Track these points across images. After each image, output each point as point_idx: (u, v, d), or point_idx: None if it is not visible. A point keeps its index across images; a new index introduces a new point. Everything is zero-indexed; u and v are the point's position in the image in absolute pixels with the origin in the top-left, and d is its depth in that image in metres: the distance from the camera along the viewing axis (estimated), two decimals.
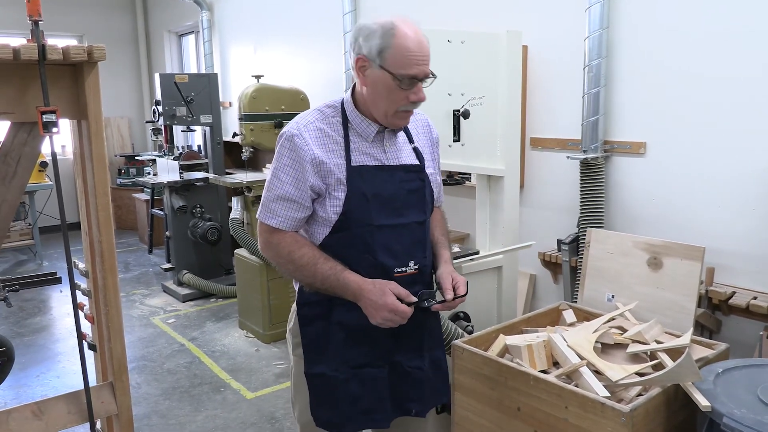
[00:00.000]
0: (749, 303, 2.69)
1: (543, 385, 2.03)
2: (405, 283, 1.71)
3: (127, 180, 8.19)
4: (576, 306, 2.69)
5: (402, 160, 1.79)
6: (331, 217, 1.70)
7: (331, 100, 1.83)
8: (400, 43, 1.61)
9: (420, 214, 1.79)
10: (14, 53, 1.68)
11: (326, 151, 1.70)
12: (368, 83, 1.69)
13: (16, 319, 5.03)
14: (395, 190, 1.74)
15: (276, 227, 1.73)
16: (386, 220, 1.72)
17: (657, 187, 3.13)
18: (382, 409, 1.77)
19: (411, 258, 1.76)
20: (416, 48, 1.62)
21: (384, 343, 1.76)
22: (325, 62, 5.52)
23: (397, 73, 1.62)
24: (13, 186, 1.97)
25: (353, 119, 1.75)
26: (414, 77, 1.64)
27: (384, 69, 1.63)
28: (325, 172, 1.69)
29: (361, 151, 1.73)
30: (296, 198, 1.70)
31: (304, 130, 1.71)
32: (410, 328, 1.74)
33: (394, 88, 1.65)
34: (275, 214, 1.72)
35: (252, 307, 4.53)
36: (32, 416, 1.92)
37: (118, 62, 8.67)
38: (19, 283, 3.38)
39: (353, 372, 1.75)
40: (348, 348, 1.75)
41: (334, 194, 1.69)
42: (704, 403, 1.82)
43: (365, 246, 1.70)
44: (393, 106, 1.68)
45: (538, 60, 3.62)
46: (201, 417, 3.41)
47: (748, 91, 2.75)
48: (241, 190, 4.78)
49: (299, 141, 1.69)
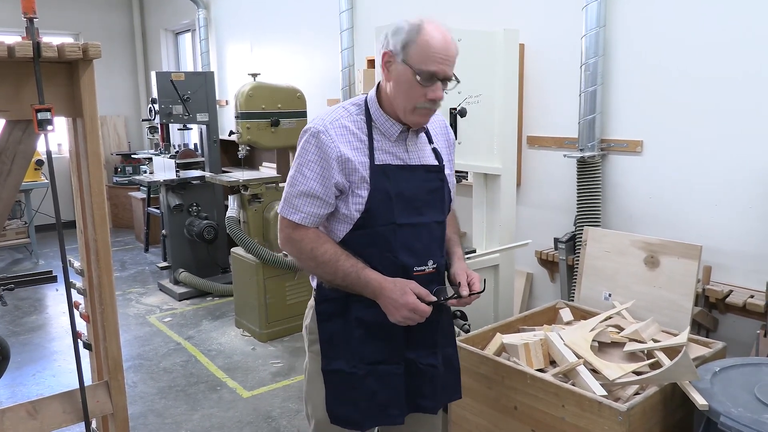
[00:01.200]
0: (746, 302, 2.69)
1: (540, 383, 2.03)
2: (423, 282, 1.72)
3: (123, 178, 8.17)
4: (573, 305, 2.69)
5: (423, 160, 1.80)
6: (354, 214, 1.71)
7: (355, 97, 1.83)
8: (425, 39, 1.64)
9: (439, 214, 1.81)
10: (9, 51, 1.67)
11: (351, 148, 1.71)
12: (392, 78, 1.70)
13: (11, 318, 5.02)
14: (417, 189, 1.76)
15: (299, 223, 1.73)
16: (408, 219, 1.73)
17: (654, 186, 3.13)
18: (398, 405, 1.78)
19: (430, 257, 1.77)
20: (440, 46, 1.64)
21: (399, 340, 1.77)
22: (321, 60, 5.51)
23: (417, 68, 1.64)
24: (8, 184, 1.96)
25: (377, 118, 1.76)
26: (433, 74, 1.65)
27: (406, 64, 1.65)
28: (350, 170, 1.69)
29: (384, 150, 1.74)
30: (321, 194, 1.70)
31: (330, 126, 1.71)
32: (424, 325, 1.75)
33: (414, 84, 1.66)
34: (298, 209, 1.72)
35: (248, 306, 4.52)
36: (27, 415, 1.91)
37: (114, 60, 8.64)
38: (14, 281, 3.36)
39: (370, 368, 1.76)
40: (365, 344, 1.76)
41: (357, 192, 1.70)
42: (701, 402, 1.83)
43: (386, 244, 1.72)
44: (411, 102, 1.69)
45: (535, 58, 3.62)
46: (197, 416, 3.41)
47: (746, 90, 2.75)
48: (238, 188, 4.77)
49: (325, 138, 1.69)
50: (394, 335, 1.76)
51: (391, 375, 1.77)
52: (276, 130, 4.70)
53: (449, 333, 1.95)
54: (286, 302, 4.48)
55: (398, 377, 1.78)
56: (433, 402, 1.85)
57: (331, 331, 1.79)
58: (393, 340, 1.77)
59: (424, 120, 1.75)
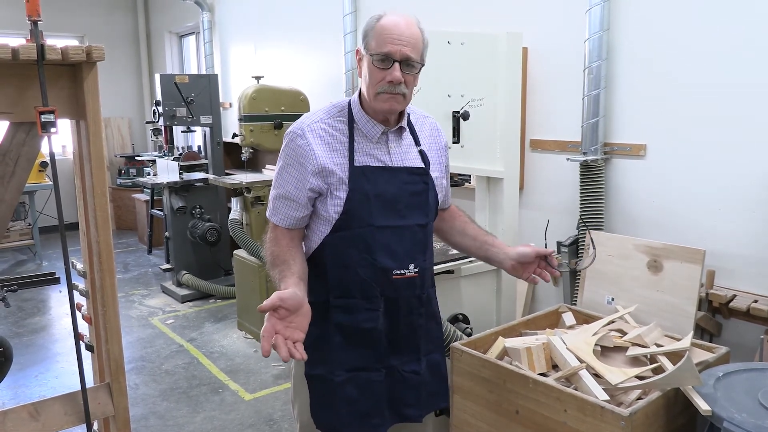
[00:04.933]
0: (750, 306, 2.68)
1: (542, 388, 2.02)
2: (404, 286, 1.70)
3: (126, 180, 8.19)
4: (575, 308, 2.68)
5: (406, 162, 1.78)
6: (332, 216, 1.70)
7: (341, 99, 1.83)
8: (381, 24, 1.65)
9: (422, 217, 1.78)
10: (13, 53, 1.68)
11: (330, 150, 1.70)
12: (361, 73, 1.72)
13: (14, 319, 5.03)
14: (398, 191, 1.74)
15: (276, 224, 1.76)
16: (387, 221, 1.71)
17: (657, 190, 3.12)
18: (379, 414, 1.76)
19: (411, 261, 1.75)
20: (393, 27, 1.64)
21: (380, 347, 1.75)
22: (325, 63, 5.52)
23: (374, 52, 1.64)
24: (12, 186, 1.96)
25: (359, 119, 1.75)
26: (387, 55, 1.63)
27: (368, 53, 1.67)
28: (327, 173, 1.69)
29: (364, 152, 1.73)
30: (295, 197, 1.72)
31: (308, 129, 1.71)
32: (407, 331, 1.73)
33: (373, 69, 1.66)
34: (277, 211, 1.76)
35: (251, 308, 4.51)
36: (29, 417, 1.91)
37: (118, 63, 8.66)
38: (17, 283, 3.37)
39: (350, 375, 1.74)
40: (344, 350, 1.74)
41: (335, 193, 1.69)
42: (705, 407, 1.81)
43: (365, 246, 1.70)
44: (373, 88, 1.67)
45: (538, 62, 3.62)
46: (199, 418, 3.41)
47: (750, 94, 2.74)
48: (241, 190, 4.78)
49: (301, 141, 1.69)
50: (375, 341, 1.74)
51: (371, 382, 1.75)
52: (279, 133, 4.71)
53: (436, 338, 1.92)
54: None
55: (379, 384, 1.76)
56: (418, 410, 1.82)
57: (313, 336, 1.76)
58: (373, 347, 1.75)
59: (388, 105, 1.69)
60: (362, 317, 1.69)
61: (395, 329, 1.75)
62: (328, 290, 1.74)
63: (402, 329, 1.70)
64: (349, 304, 1.71)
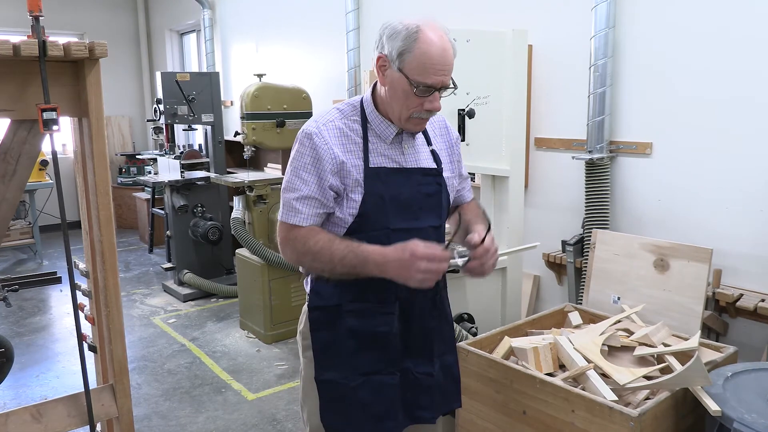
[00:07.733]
0: (757, 306, 2.66)
1: (549, 388, 2.00)
2: (419, 289, 1.67)
3: (127, 179, 8.17)
4: (581, 308, 2.67)
5: (420, 162, 1.76)
6: (347, 218, 1.68)
7: (352, 98, 1.80)
8: (422, 49, 1.57)
9: (436, 219, 1.76)
10: (14, 49, 1.66)
11: (345, 151, 1.67)
12: (387, 83, 1.66)
13: (15, 319, 5.01)
14: (412, 193, 1.71)
15: (297, 224, 1.68)
16: (402, 223, 1.69)
17: (663, 188, 3.10)
18: (393, 417, 1.74)
19: None
20: (437, 57, 1.58)
21: (394, 349, 1.73)
22: (327, 61, 5.50)
23: (414, 79, 1.58)
24: (13, 184, 1.94)
25: (372, 119, 1.72)
26: (431, 87, 1.60)
27: (402, 72, 1.59)
28: (345, 173, 1.66)
29: (379, 153, 1.70)
30: (319, 196, 1.67)
31: (324, 128, 1.67)
32: (421, 333, 1.71)
33: (410, 94, 1.61)
34: (298, 212, 1.67)
35: (253, 308, 4.50)
36: (31, 419, 1.89)
37: (119, 61, 8.64)
38: (18, 282, 3.35)
39: (364, 379, 1.72)
40: (358, 355, 1.71)
41: (351, 196, 1.66)
42: (714, 407, 1.80)
43: None
44: (407, 111, 1.64)
45: (544, 59, 3.59)
46: (202, 418, 3.39)
47: (757, 92, 2.72)
48: (243, 189, 4.76)
49: (318, 140, 1.65)
50: (389, 345, 1.72)
51: (385, 385, 1.73)
52: (281, 131, 4.68)
53: (449, 339, 1.90)
54: (291, 304, 4.46)
55: (393, 387, 1.74)
56: (431, 412, 1.80)
57: (324, 340, 1.74)
58: (387, 350, 1.72)
59: (419, 128, 1.71)
60: (377, 321, 1.67)
61: (409, 332, 1.73)
62: (341, 295, 1.71)
63: (416, 332, 1.67)
64: (364, 308, 1.68)
